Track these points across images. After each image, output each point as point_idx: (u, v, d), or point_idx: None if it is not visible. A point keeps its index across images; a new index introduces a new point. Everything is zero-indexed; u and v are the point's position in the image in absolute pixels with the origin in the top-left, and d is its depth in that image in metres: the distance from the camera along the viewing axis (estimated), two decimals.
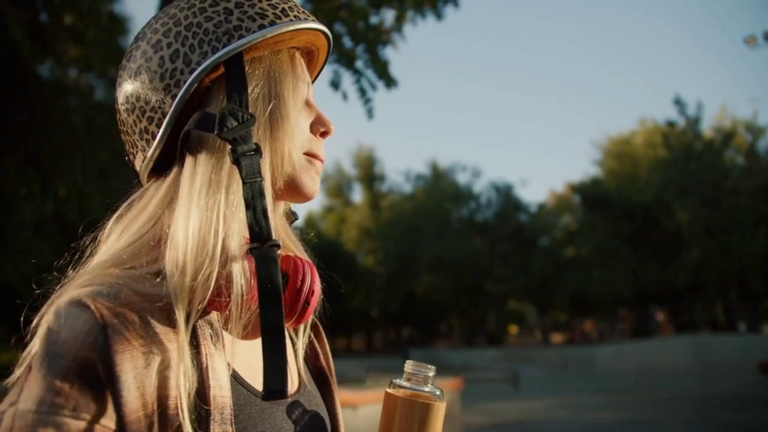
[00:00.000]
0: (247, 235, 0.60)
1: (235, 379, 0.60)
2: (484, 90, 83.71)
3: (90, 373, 0.49)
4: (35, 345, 0.52)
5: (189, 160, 0.62)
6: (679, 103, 25.02)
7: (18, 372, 0.54)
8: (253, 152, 0.60)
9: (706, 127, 26.75)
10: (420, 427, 0.66)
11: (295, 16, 0.66)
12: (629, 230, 24.95)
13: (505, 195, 34.96)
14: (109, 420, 0.49)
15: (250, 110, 0.61)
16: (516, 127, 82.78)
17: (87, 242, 0.65)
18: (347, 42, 6.86)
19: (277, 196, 0.68)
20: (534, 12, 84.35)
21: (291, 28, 0.65)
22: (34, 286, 0.61)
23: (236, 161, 0.59)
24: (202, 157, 0.61)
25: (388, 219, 36.03)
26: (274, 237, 0.59)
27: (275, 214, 0.71)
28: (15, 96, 8.58)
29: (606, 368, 19.14)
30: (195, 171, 0.60)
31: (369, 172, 40.83)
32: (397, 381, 0.68)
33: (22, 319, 0.56)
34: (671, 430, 7.82)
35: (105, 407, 0.49)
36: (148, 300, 0.55)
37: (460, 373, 11.82)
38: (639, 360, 18.73)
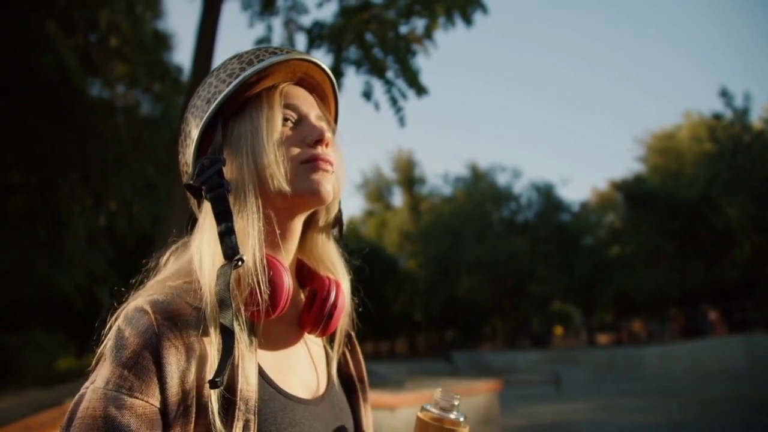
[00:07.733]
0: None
1: (264, 378, 0.73)
2: (522, 89, 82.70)
3: (144, 363, 0.64)
4: (109, 340, 0.67)
5: (202, 207, 0.78)
6: (725, 94, 24.03)
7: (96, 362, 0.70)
8: (216, 189, 0.73)
9: (755, 119, 25.71)
10: None
11: (260, 61, 0.76)
12: (675, 227, 24.23)
13: (546, 195, 34.43)
14: (155, 400, 0.63)
15: (224, 154, 0.75)
16: (556, 125, 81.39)
17: (152, 266, 0.80)
18: (378, 53, 6.93)
19: (286, 212, 0.79)
20: (575, 6, 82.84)
21: (250, 72, 0.76)
22: (106, 297, 0.78)
23: (207, 198, 0.74)
24: (203, 203, 0.77)
25: (429, 222, 35.84)
26: (240, 253, 0.70)
27: (287, 231, 0.80)
28: (67, 118, 9.07)
29: (653, 370, 18.60)
30: (199, 214, 0.78)
31: (409, 176, 40.83)
32: (427, 406, 0.75)
33: (96, 325, 0.71)
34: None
35: (153, 390, 0.64)
36: (193, 308, 0.70)
37: (500, 376, 11.82)
38: (689, 361, 18.13)
